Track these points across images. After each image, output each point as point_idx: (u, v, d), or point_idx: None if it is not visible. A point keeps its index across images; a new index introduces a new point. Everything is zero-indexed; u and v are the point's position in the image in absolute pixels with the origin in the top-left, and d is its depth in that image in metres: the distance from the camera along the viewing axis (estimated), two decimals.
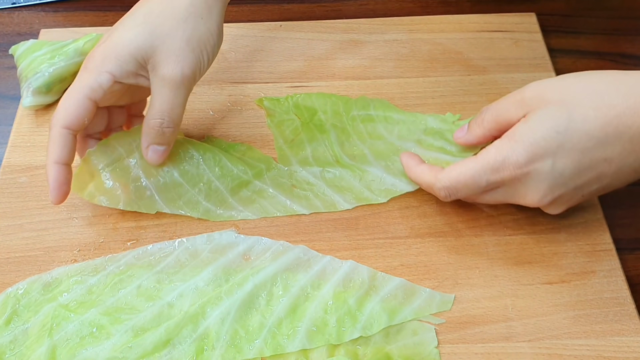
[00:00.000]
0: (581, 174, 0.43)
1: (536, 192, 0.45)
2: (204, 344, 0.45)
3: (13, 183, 0.54)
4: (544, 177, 0.44)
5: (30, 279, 0.48)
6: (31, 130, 0.58)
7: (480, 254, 0.50)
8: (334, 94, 0.60)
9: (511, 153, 0.44)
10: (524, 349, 0.46)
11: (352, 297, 0.47)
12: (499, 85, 0.61)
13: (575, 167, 0.43)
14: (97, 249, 0.51)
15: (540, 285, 0.49)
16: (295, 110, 0.58)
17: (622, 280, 0.49)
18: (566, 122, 0.42)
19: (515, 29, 0.65)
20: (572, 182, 0.44)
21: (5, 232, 0.52)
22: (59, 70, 0.58)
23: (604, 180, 0.44)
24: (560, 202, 0.46)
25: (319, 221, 0.52)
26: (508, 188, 0.46)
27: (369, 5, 0.71)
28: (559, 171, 0.43)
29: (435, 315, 0.47)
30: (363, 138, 0.56)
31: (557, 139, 0.42)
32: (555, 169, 0.43)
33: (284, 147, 0.56)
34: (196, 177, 0.52)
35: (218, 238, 0.50)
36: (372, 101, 0.58)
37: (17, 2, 0.71)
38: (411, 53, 0.63)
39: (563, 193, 0.45)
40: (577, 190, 0.45)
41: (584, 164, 0.43)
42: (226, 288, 0.47)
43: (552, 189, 0.44)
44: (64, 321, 0.46)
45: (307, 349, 0.45)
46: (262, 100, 0.59)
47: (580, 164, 0.43)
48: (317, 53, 0.64)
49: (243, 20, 0.69)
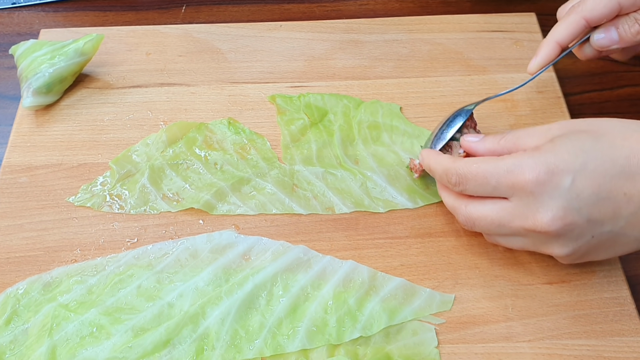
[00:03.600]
0: (598, 203, 0.41)
1: (548, 210, 0.41)
2: (204, 344, 0.45)
3: (13, 183, 0.54)
4: (559, 193, 0.41)
5: (30, 279, 0.49)
6: (31, 130, 0.58)
7: (480, 254, 0.50)
8: (346, 95, 0.60)
9: (530, 161, 0.41)
10: (524, 349, 0.46)
11: (352, 297, 0.47)
12: (499, 85, 0.61)
13: (594, 192, 0.41)
14: (97, 249, 0.51)
15: (540, 285, 0.49)
16: (306, 109, 0.58)
17: (622, 280, 0.49)
18: (593, 144, 0.41)
19: (515, 29, 0.65)
20: (587, 211, 0.41)
21: (5, 232, 0.52)
22: (59, 70, 0.58)
23: (618, 223, 0.41)
24: (569, 237, 0.42)
25: (319, 221, 0.52)
26: (519, 201, 0.42)
27: (369, 5, 0.71)
28: (577, 191, 0.41)
29: (435, 315, 0.47)
30: (367, 143, 0.56)
31: (582, 157, 0.41)
32: (573, 188, 0.41)
33: (290, 145, 0.56)
34: (198, 180, 0.54)
35: (218, 238, 0.50)
36: (382, 107, 0.58)
37: (17, 2, 0.71)
38: (411, 53, 0.63)
39: (575, 221, 0.41)
40: (590, 225, 0.41)
41: (603, 191, 0.41)
42: (226, 288, 0.47)
43: (566, 210, 0.41)
44: (64, 321, 0.46)
45: (307, 349, 0.45)
46: (275, 97, 0.59)
47: (599, 189, 0.40)
48: (317, 53, 0.64)
49: (243, 20, 0.69)
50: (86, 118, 0.59)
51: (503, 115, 0.58)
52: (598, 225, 0.42)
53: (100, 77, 0.62)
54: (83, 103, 0.60)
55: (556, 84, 0.60)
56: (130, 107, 0.59)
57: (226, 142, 0.56)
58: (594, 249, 0.43)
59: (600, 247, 0.43)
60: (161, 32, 0.65)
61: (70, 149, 0.56)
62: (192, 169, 0.54)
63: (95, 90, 0.61)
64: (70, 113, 0.59)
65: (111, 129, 0.58)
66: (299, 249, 0.50)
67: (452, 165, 0.45)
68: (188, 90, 0.61)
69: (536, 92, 0.60)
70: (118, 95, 0.60)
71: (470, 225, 0.46)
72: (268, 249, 0.50)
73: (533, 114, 0.58)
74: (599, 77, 0.64)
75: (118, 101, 0.60)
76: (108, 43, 0.64)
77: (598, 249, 0.44)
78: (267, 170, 0.54)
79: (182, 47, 0.64)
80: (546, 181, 0.41)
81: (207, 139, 0.56)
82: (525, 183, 0.41)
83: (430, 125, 0.58)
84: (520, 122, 0.58)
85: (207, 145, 0.56)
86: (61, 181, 0.54)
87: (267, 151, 0.56)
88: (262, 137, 0.57)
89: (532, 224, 0.42)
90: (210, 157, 0.55)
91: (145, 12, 0.70)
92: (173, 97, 0.60)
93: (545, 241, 0.43)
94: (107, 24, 0.68)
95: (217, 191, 0.53)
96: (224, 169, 0.55)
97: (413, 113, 0.59)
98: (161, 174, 0.54)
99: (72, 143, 0.57)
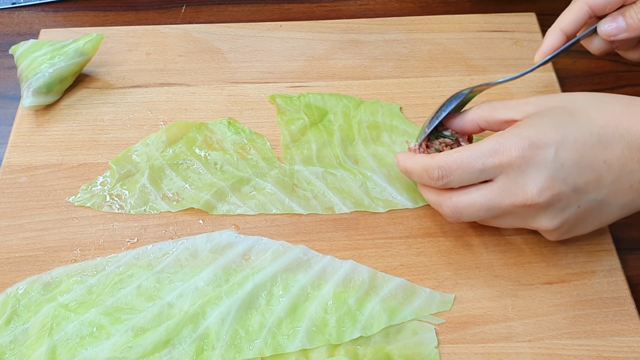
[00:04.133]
0: (581, 172, 0.43)
1: (537, 182, 0.43)
2: (204, 344, 0.45)
3: (13, 183, 0.54)
4: (544, 165, 0.43)
5: (30, 279, 0.49)
6: (31, 130, 0.58)
7: (480, 254, 0.50)
8: (347, 95, 0.60)
9: (513, 138, 0.43)
10: (524, 349, 0.46)
11: (352, 297, 0.47)
12: (499, 85, 0.60)
13: (576, 161, 0.43)
14: (97, 249, 0.51)
15: (540, 285, 0.49)
16: (306, 109, 0.58)
17: (622, 280, 0.49)
18: (570, 118, 0.44)
19: (515, 29, 0.65)
20: (572, 180, 0.43)
21: (5, 232, 0.52)
22: (59, 70, 0.58)
23: (601, 191, 0.43)
24: (557, 208, 0.44)
25: (319, 221, 0.52)
26: (506, 179, 0.44)
27: (369, 5, 0.71)
28: (561, 161, 0.43)
29: (435, 315, 0.47)
30: (367, 143, 0.56)
31: (561, 130, 0.43)
32: (557, 159, 0.42)
33: (290, 145, 0.56)
34: (198, 180, 0.54)
35: (218, 238, 0.50)
36: (382, 107, 0.58)
37: (17, 2, 0.71)
38: (411, 53, 0.63)
39: (562, 191, 0.43)
40: (576, 194, 0.43)
41: (585, 160, 0.43)
42: (226, 288, 0.47)
43: (553, 181, 0.43)
44: (64, 321, 0.46)
45: (307, 349, 0.45)
46: (275, 97, 0.59)
47: (581, 158, 0.43)
48: (317, 53, 0.64)
49: (243, 20, 0.69)
50: (86, 118, 0.59)
51: None
52: (583, 194, 0.43)
53: (100, 77, 0.62)
54: (83, 103, 0.60)
55: (556, 84, 0.60)
56: (130, 107, 0.59)
57: (226, 142, 0.56)
58: (581, 220, 0.45)
59: (586, 217, 0.45)
60: (161, 32, 0.65)
61: (70, 149, 0.56)
62: (192, 169, 0.54)
63: (95, 90, 0.61)
64: (70, 113, 0.59)
65: (111, 129, 0.58)
66: (299, 249, 0.50)
67: (432, 160, 0.46)
68: (188, 90, 0.61)
69: (536, 92, 0.60)
70: (118, 95, 0.60)
71: (457, 216, 0.46)
72: (268, 249, 0.50)
73: None
74: (599, 77, 0.64)
75: (118, 101, 0.60)
76: (108, 43, 0.64)
77: (585, 220, 0.45)
78: (267, 170, 0.54)
79: (182, 47, 0.64)
80: (531, 155, 0.43)
81: (207, 139, 0.57)
82: (512, 160, 0.43)
83: None
84: None
85: (207, 145, 0.56)
86: (61, 181, 0.54)
87: (267, 151, 0.56)
88: (262, 137, 0.57)
89: (522, 199, 0.43)
90: (210, 157, 0.55)
91: (145, 12, 0.70)
92: (173, 97, 0.60)
93: (534, 215, 0.44)
94: (107, 24, 0.68)
95: (217, 191, 0.53)
96: (224, 169, 0.55)
97: (413, 113, 0.59)
98: (161, 174, 0.54)
99: (72, 143, 0.57)
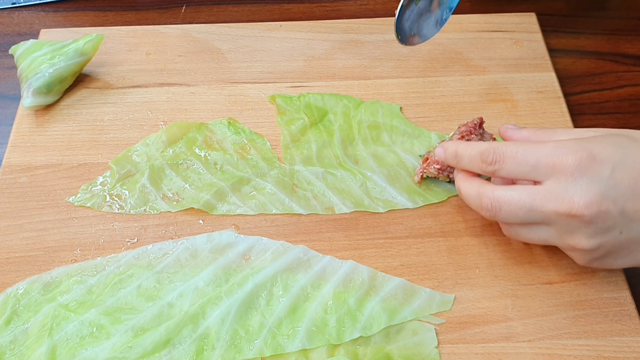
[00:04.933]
0: (632, 199, 0.41)
1: (586, 194, 0.41)
2: (204, 344, 0.45)
3: (13, 183, 0.54)
4: (598, 180, 0.41)
5: (30, 279, 0.48)
6: (31, 130, 0.58)
7: (480, 254, 0.50)
8: (346, 95, 0.60)
9: (574, 146, 0.42)
10: (524, 349, 0.46)
11: (352, 297, 0.47)
12: (499, 85, 0.61)
13: (630, 186, 0.41)
14: (97, 249, 0.51)
15: (540, 285, 0.49)
16: (306, 109, 0.58)
17: (622, 280, 0.49)
18: (631, 143, 0.42)
19: (515, 29, 0.65)
20: (622, 203, 0.41)
21: (5, 232, 0.52)
22: (59, 70, 0.58)
23: None
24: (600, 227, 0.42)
25: (319, 221, 0.52)
26: (555, 184, 0.42)
27: (369, 5, 0.71)
28: (615, 181, 0.41)
29: (435, 315, 0.47)
30: (367, 143, 0.56)
31: (621, 152, 0.42)
32: (612, 178, 0.41)
33: (290, 145, 0.56)
34: (198, 180, 0.54)
35: (218, 238, 0.50)
36: (382, 107, 0.58)
37: (17, 2, 0.71)
38: (411, 53, 0.63)
39: (609, 210, 0.41)
40: (622, 218, 0.41)
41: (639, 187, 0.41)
42: (226, 288, 0.47)
43: (603, 197, 0.41)
44: (64, 321, 0.46)
45: (307, 349, 0.45)
46: (275, 97, 0.59)
47: (636, 184, 0.41)
48: (317, 53, 0.64)
49: (243, 20, 0.69)
50: (86, 118, 0.59)
51: (503, 116, 0.58)
52: (629, 221, 0.42)
53: (100, 77, 0.62)
54: (83, 103, 0.60)
55: (556, 84, 0.60)
56: (130, 107, 0.59)
57: (226, 142, 0.56)
58: (618, 249, 0.43)
59: (624, 248, 0.43)
60: (161, 32, 0.65)
61: (70, 149, 0.56)
62: (192, 169, 0.54)
63: (95, 90, 0.61)
64: (70, 113, 0.59)
65: (111, 129, 0.58)
66: (299, 249, 0.50)
67: (489, 145, 0.45)
68: (188, 90, 0.61)
69: (536, 92, 0.60)
70: (118, 95, 0.60)
71: (495, 211, 0.44)
72: (268, 249, 0.50)
73: (533, 114, 0.58)
74: (599, 77, 0.64)
75: (118, 101, 0.60)
76: (108, 43, 0.64)
77: (622, 251, 0.43)
78: (267, 170, 0.54)
79: (182, 47, 0.64)
80: (587, 166, 0.41)
81: (207, 139, 0.57)
82: (567, 165, 0.41)
83: (430, 125, 0.58)
84: (520, 122, 0.58)
85: (207, 145, 0.56)
86: (61, 181, 0.54)
87: (267, 151, 0.56)
88: (262, 137, 0.57)
89: (567, 207, 0.41)
90: (210, 157, 0.55)
91: (145, 12, 0.70)
92: (173, 97, 0.60)
93: (574, 229, 0.42)
94: (107, 24, 0.68)
95: (217, 191, 0.53)
96: (224, 169, 0.55)
97: (413, 113, 0.59)
98: (161, 174, 0.54)
99: (72, 143, 0.57)
